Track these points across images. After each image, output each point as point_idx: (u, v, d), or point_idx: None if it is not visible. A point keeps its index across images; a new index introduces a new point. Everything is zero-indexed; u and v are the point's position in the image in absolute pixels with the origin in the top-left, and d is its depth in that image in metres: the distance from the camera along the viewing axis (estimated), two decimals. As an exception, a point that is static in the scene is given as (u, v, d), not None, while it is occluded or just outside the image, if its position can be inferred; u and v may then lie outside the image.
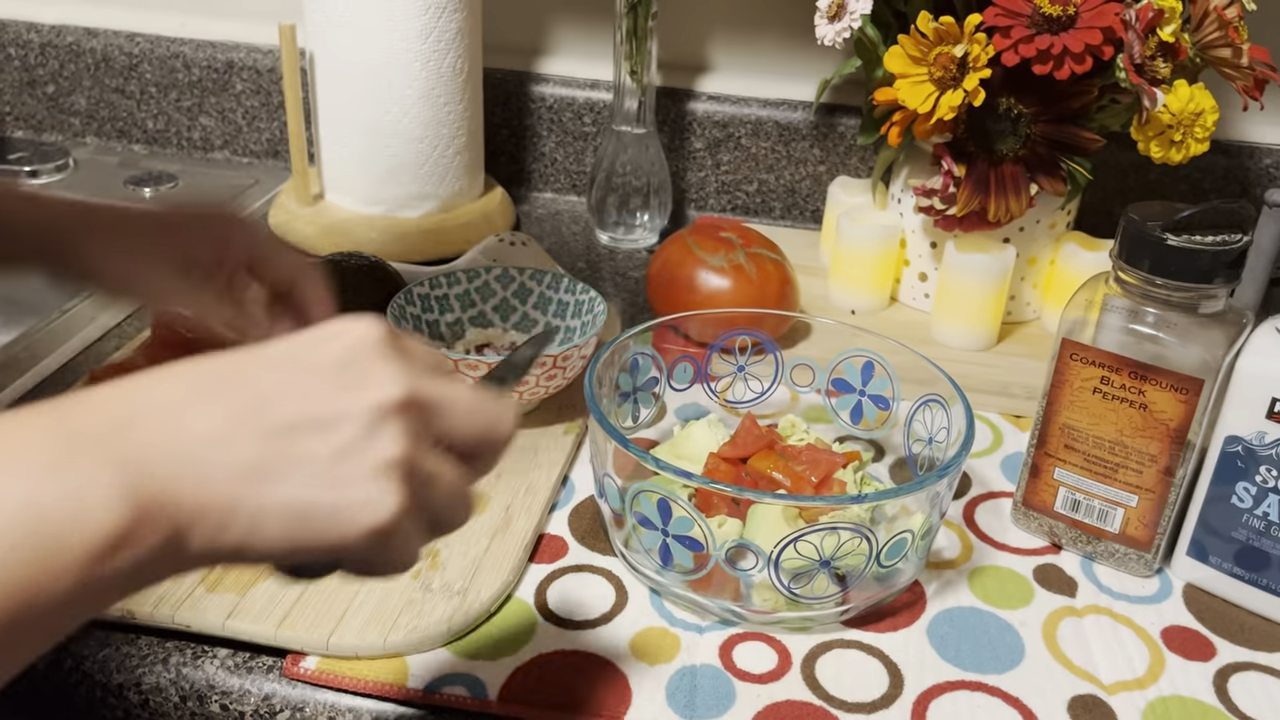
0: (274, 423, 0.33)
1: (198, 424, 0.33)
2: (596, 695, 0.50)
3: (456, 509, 0.38)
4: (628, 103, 0.92)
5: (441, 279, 0.72)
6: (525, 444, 0.66)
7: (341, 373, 0.35)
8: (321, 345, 0.36)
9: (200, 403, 0.33)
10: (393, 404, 0.35)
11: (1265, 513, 0.56)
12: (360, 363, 0.35)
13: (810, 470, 0.60)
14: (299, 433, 0.34)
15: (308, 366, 0.35)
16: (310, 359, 0.35)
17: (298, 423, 0.34)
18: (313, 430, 0.34)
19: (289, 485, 0.33)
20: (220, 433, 0.33)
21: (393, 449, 0.34)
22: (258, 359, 0.35)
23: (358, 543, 0.34)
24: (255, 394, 0.34)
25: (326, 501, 0.33)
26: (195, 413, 0.33)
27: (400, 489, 0.34)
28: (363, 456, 0.34)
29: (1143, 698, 0.52)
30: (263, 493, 0.33)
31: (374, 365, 0.35)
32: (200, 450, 0.33)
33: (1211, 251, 0.54)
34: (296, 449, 0.33)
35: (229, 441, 0.33)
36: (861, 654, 0.54)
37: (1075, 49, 0.68)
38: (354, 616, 0.52)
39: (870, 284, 0.83)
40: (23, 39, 1.08)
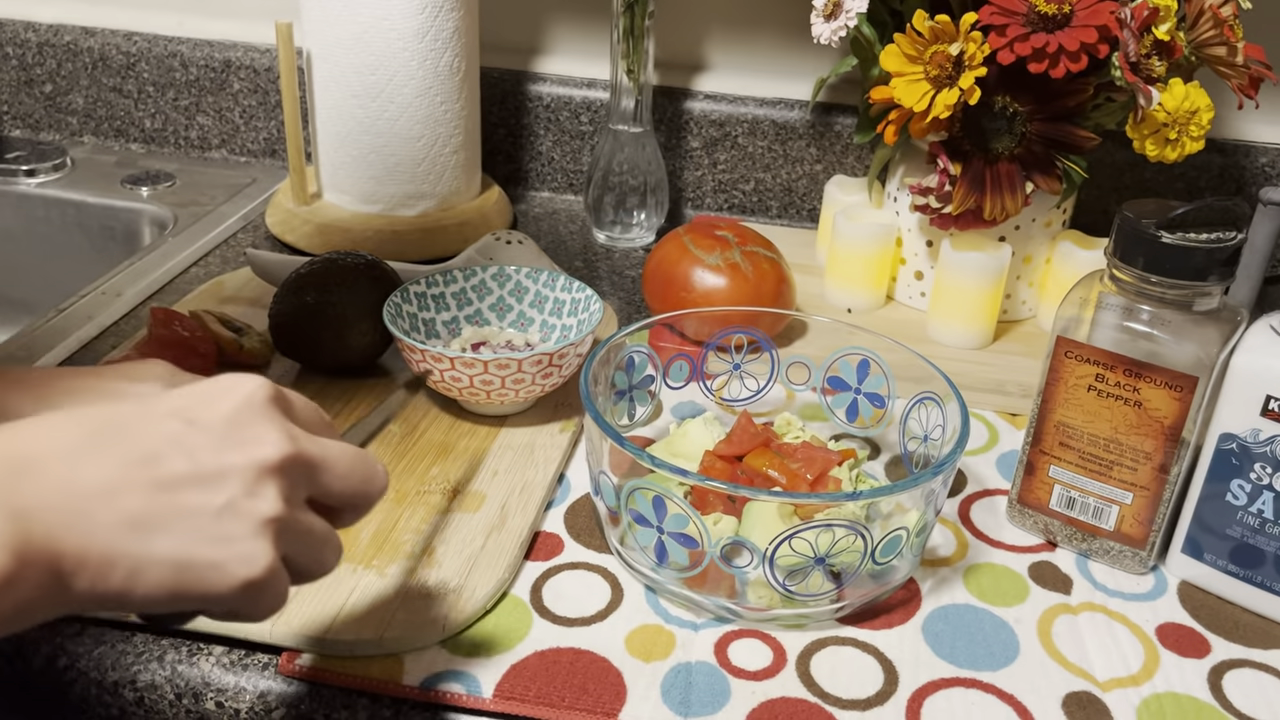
0: (162, 476, 0.35)
1: (88, 474, 0.35)
2: (592, 692, 0.50)
3: (325, 559, 0.40)
4: (624, 102, 0.92)
5: (438, 277, 0.72)
6: (521, 442, 0.66)
7: (229, 430, 0.37)
8: (212, 402, 0.38)
9: (93, 452, 0.35)
10: (274, 463, 0.37)
11: (1260, 510, 0.56)
12: (247, 421, 0.37)
13: (806, 468, 0.60)
14: (185, 487, 0.35)
15: (198, 422, 0.37)
16: (201, 415, 0.37)
17: (185, 477, 0.36)
18: (198, 485, 0.36)
19: (171, 538, 0.35)
20: (109, 484, 0.35)
21: (271, 507, 0.36)
22: (151, 412, 0.37)
23: (231, 595, 0.36)
24: (146, 447, 0.36)
25: (206, 556, 0.35)
26: (87, 462, 0.35)
27: (274, 545, 0.37)
28: (243, 514, 0.36)
29: (1137, 694, 0.52)
30: (145, 545, 0.35)
31: (260, 424, 0.38)
32: (88, 501, 0.34)
33: (1206, 249, 0.54)
34: (181, 503, 0.35)
35: (117, 492, 0.35)
36: (856, 651, 0.54)
37: (1070, 47, 0.68)
38: (349, 614, 0.52)
39: (866, 282, 0.83)
40: (20, 38, 1.08)
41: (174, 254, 0.89)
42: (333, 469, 0.40)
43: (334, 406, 0.69)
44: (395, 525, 0.58)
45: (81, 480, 0.34)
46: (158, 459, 0.35)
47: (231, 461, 0.36)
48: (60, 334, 0.76)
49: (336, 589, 0.54)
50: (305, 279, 0.69)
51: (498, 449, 0.66)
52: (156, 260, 0.87)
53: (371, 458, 0.42)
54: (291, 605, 0.52)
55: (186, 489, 0.36)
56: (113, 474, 0.35)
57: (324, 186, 0.94)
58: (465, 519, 0.59)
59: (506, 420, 0.68)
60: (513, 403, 0.67)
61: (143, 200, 0.99)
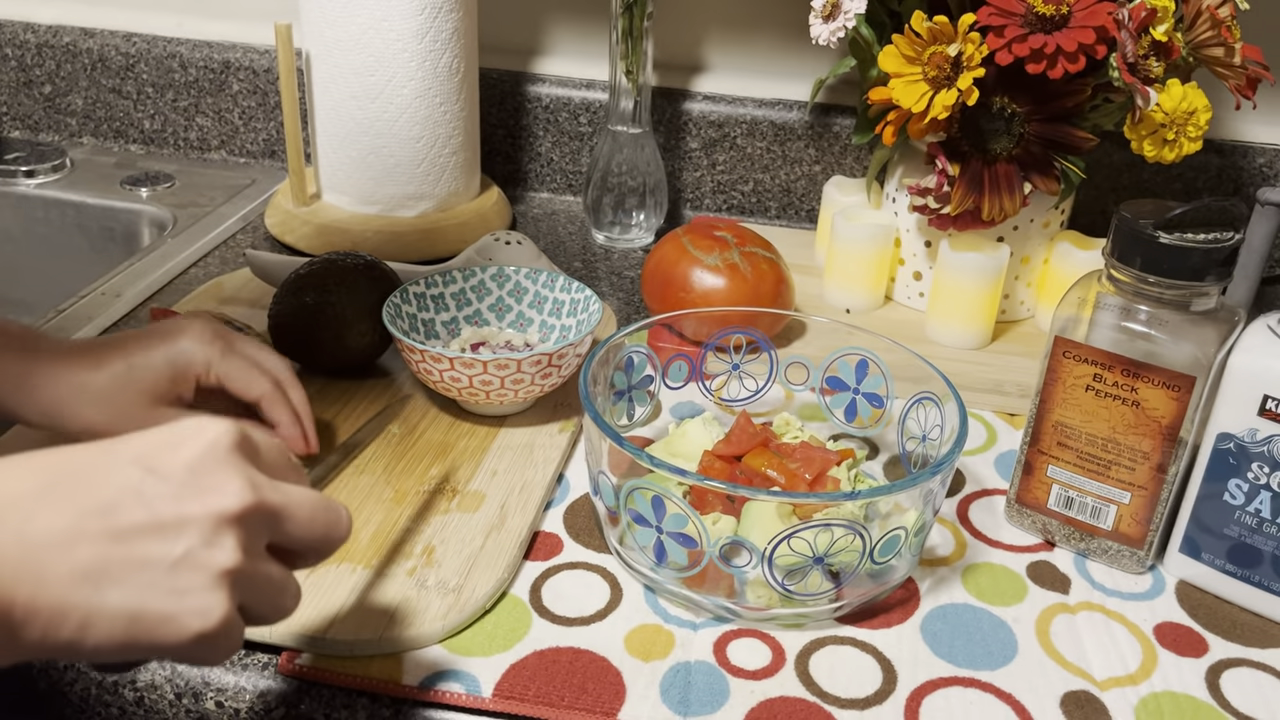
0: (118, 526, 0.35)
1: (43, 524, 0.34)
2: (591, 692, 0.50)
3: (283, 605, 0.40)
4: (623, 103, 0.92)
5: (437, 278, 0.72)
6: (521, 442, 0.66)
7: (190, 478, 0.36)
8: (174, 448, 0.37)
9: (50, 501, 0.35)
10: (234, 513, 0.37)
11: (1257, 509, 0.56)
12: (209, 469, 0.37)
13: (804, 468, 0.60)
14: (141, 537, 0.35)
15: (158, 470, 0.36)
16: (161, 462, 0.37)
17: (142, 527, 0.35)
18: (155, 536, 0.35)
19: (124, 591, 0.35)
20: (64, 534, 0.35)
21: (228, 559, 0.36)
22: (111, 458, 0.37)
23: (184, 646, 0.36)
24: (104, 496, 0.35)
25: (159, 608, 0.35)
26: (43, 512, 0.35)
27: (230, 596, 0.36)
28: (199, 566, 0.36)
29: (1135, 694, 0.52)
30: (97, 598, 0.35)
31: (221, 472, 0.37)
32: (42, 553, 0.34)
33: (1203, 249, 0.54)
34: (136, 554, 0.35)
35: (72, 543, 0.34)
36: (855, 650, 0.54)
37: (1068, 48, 0.68)
38: (349, 613, 0.52)
39: (865, 283, 0.84)
40: (19, 39, 1.08)
41: (173, 255, 0.89)
42: (294, 516, 0.39)
43: (333, 407, 0.69)
44: (395, 525, 0.59)
45: (36, 530, 0.34)
46: (115, 509, 0.35)
47: (190, 511, 0.36)
48: (60, 335, 0.76)
49: (336, 589, 0.54)
50: (304, 280, 0.69)
51: (497, 449, 0.66)
52: (156, 261, 0.88)
53: (335, 504, 0.42)
54: (291, 605, 0.52)
55: (143, 539, 0.35)
56: (68, 524, 0.35)
57: (323, 187, 0.94)
58: (465, 519, 0.59)
59: (506, 420, 0.68)
60: (512, 403, 0.67)
61: (142, 201, 0.99)
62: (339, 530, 0.41)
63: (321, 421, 0.67)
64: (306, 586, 0.53)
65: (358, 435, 0.62)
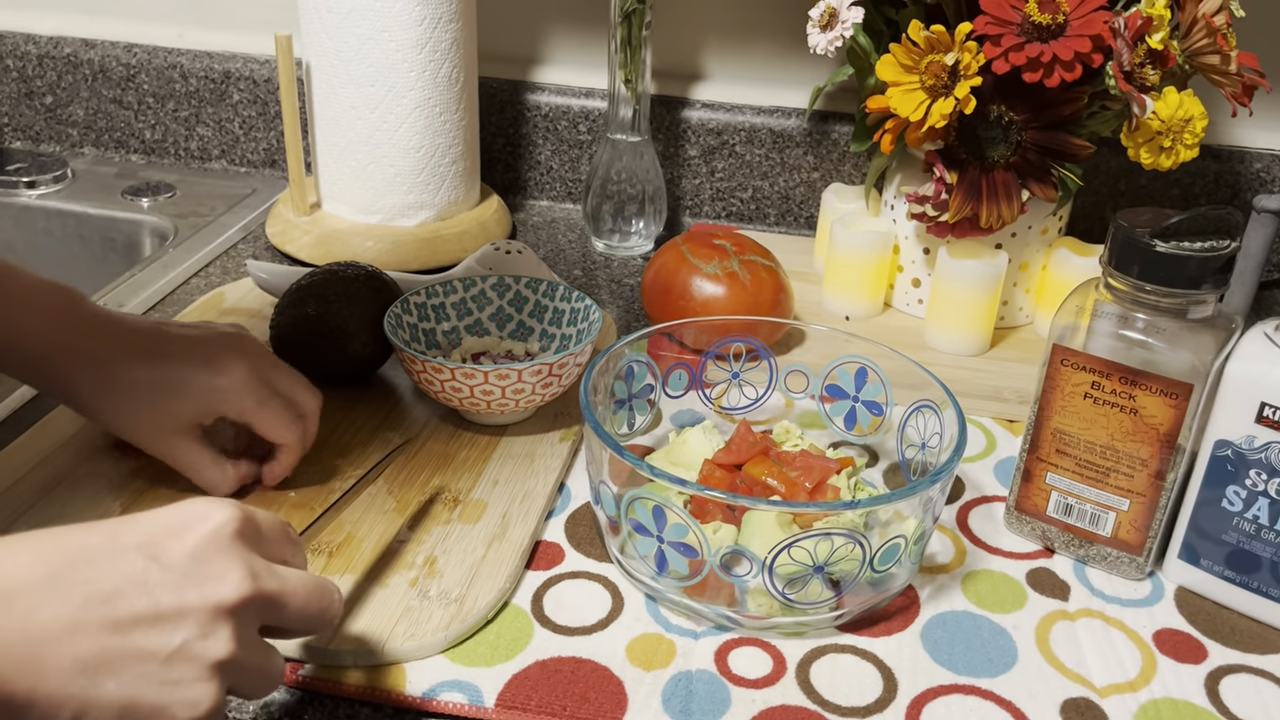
0: (119, 617, 0.37)
1: (47, 614, 0.36)
2: (593, 701, 0.50)
3: (269, 687, 0.42)
4: (622, 111, 0.92)
5: (438, 288, 0.72)
6: (522, 451, 0.67)
7: (192, 566, 0.38)
8: (179, 535, 0.39)
9: (54, 590, 0.36)
10: (232, 604, 0.38)
11: (1255, 516, 0.56)
12: (210, 556, 0.39)
13: (804, 476, 0.60)
14: (141, 629, 0.37)
15: (161, 558, 0.38)
16: (165, 550, 0.38)
17: (141, 618, 0.37)
18: (154, 627, 0.37)
19: (120, 681, 0.36)
20: (66, 626, 0.36)
21: (222, 650, 0.38)
22: (117, 544, 0.38)
23: None
24: (109, 584, 0.37)
25: (152, 699, 0.37)
26: (48, 601, 0.36)
27: (220, 686, 0.38)
28: (194, 658, 0.37)
29: (1135, 700, 0.52)
30: (93, 689, 0.36)
31: (222, 560, 0.39)
32: (44, 645, 0.36)
33: (1200, 257, 0.54)
34: (135, 645, 0.37)
35: (73, 634, 0.36)
36: (856, 658, 0.54)
37: (1065, 57, 0.68)
38: (352, 624, 0.52)
39: (864, 290, 0.84)
40: (20, 50, 1.08)
41: (174, 265, 0.89)
42: (290, 602, 0.41)
43: (335, 417, 0.69)
44: (397, 535, 0.59)
45: (40, 621, 0.36)
46: (118, 597, 0.37)
47: (190, 601, 0.37)
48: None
49: (339, 599, 0.54)
50: (305, 290, 0.70)
51: (498, 458, 0.66)
52: (157, 271, 0.88)
53: (328, 587, 0.43)
54: (294, 616, 0.53)
55: (142, 631, 0.37)
56: (71, 615, 0.36)
57: (324, 197, 0.94)
58: (466, 529, 0.60)
59: (507, 430, 0.69)
60: (513, 412, 0.67)
61: (143, 211, 1.00)
62: (331, 613, 0.43)
63: (323, 433, 0.67)
64: (309, 597, 0.54)
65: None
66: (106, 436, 0.65)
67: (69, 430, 0.66)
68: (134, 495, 0.61)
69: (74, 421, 0.66)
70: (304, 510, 0.60)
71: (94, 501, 0.60)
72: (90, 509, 0.59)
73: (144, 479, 0.62)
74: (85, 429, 0.66)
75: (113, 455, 0.64)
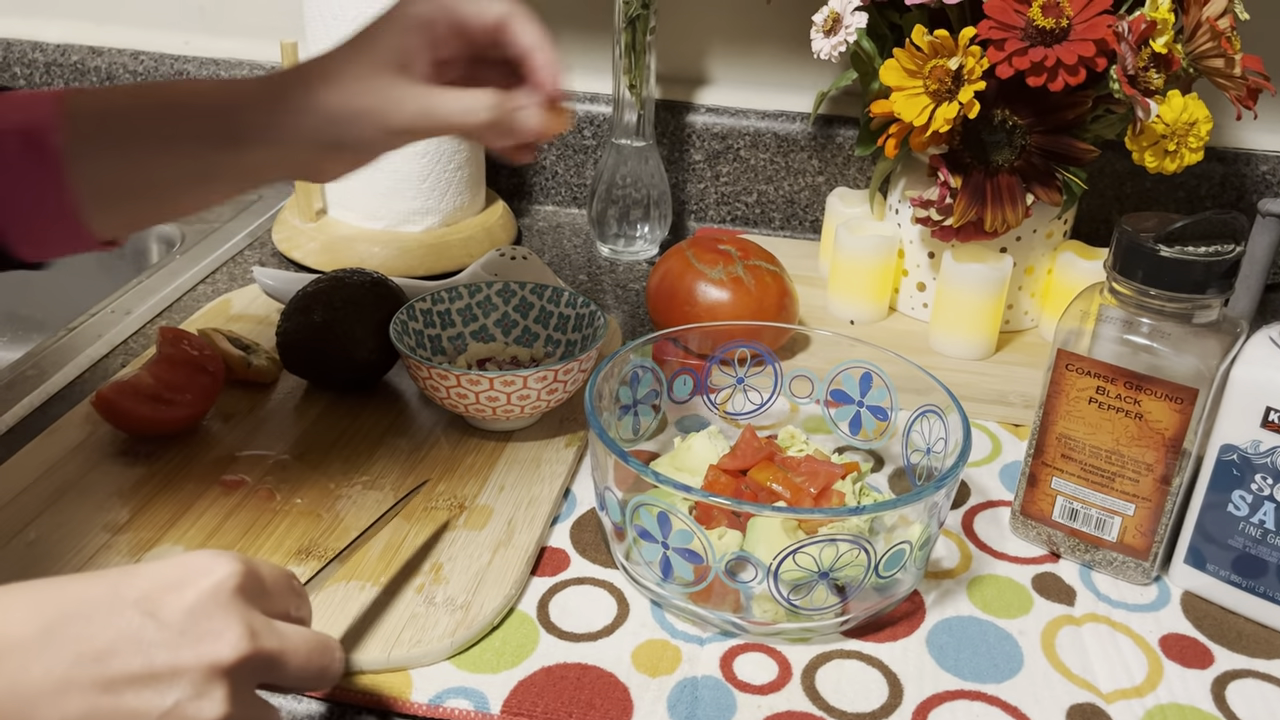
0: (111, 676, 0.36)
1: (39, 671, 0.35)
2: (598, 707, 0.50)
3: None
4: (627, 116, 0.92)
5: (443, 294, 0.72)
6: (528, 457, 0.67)
7: (190, 623, 0.37)
8: (178, 590, 0.38)
9: (48, 646, 0.36)
10: (228, 665, 0.37)
11: (1261, 520, 0.56)
12: (210, 613, 0.38)
13: (809, 482, 0.60)
14: (133, 689, 0.36)
15: (158, 614, 0.37)
16: (163, 606, 0.37)
17: (134, 677, 0.36)
18: (146, 686, 0.36)
19: None
20: (57, 684, 0.35)
21: (217, 710, 0.37)
22: (115, 599, 0.37)
23: None
24: (102, 641, 0.36)
25: None
26: (40, 657, 0.36)
27: None
28: (187, 718, 0.36)
29: (1141, 706, 0.52)
30: None
31: (221, 617, 0.38)
32: (34, 703, 0.35)
33: (1205, 262, 0.54)
34: (126, 706, 0.36)
35: (64, 693, 0.35)
36: (861, 664, 0.54)
37: (1068, 61, 0.68)
38: (358, 631, 0.53)
39: (869, 294, 0.84)
40: (28, 58, 1.09)
41: (181, 272, 0.90)
42: (290, 661, 0.40)
43: (341, 423, 0.69)
44: (403, 542, 0.59)
45: (31, 678, 0.35)
46: (111, 656, 0.36)
47: (184, 661, 0.37)
48: (70, 352, 0.77)
49: (345, 606, 0.54)
50: (312, 297, 0.70)
51: (504, 464, 0.66)
52: (164, 278, 0.88)
53: (329, 646, 0.42)
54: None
55: (134, 691, 0.36)
56: (63, 673, 0.36)
57: (329, 203, 0.94)
58: (472, 535, 0.60)
59: (513, 435, 0.69)
60: (519, 418, 0.67)
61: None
62: (332, 671, 0.42)
63: (328, 439, 0.68)
64: (317, 603, 0.54)
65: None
66: (115, 443, 0.66)
67: (78, 437, 0.66)
68: (143, 501, 0.61)
69: (82, 428, 0.67)
70: (311, 517, 0.60)
71: (102, 508, 0.60)
72: (98, 515, 0.60)
73: (152, 485, 0.62)
74: (94, 435, 0.66)
75: (121, 461, 0.64)
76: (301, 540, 0.59)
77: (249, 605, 0.39)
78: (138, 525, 0.59)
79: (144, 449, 0.65)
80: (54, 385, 0.73)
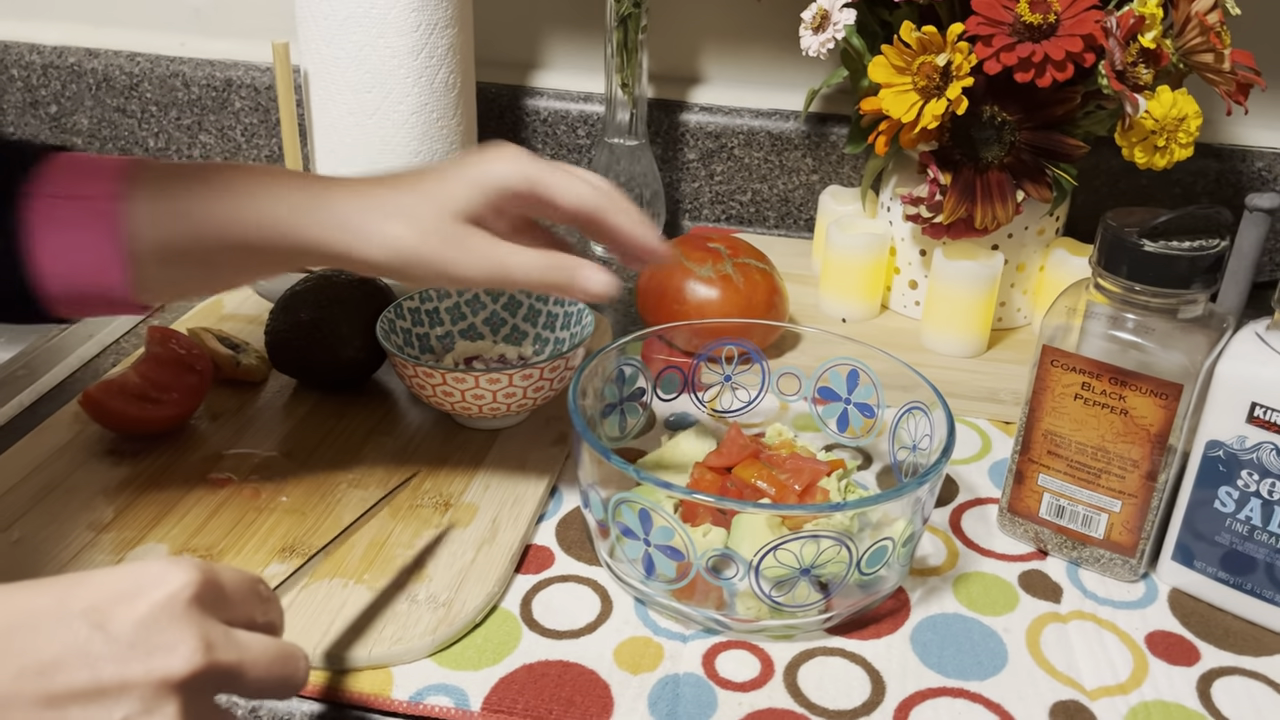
0: (56, 690, 0.34)
1: None
2: (579, 705, 0.50)
3: None
4: (620, 115, 0.92)
5: (431, 293, 0.72)
6: (514, 455, 0.67)
7: (141, 635, 0.35)
8: (130, 601, 0.36)
9: None
10: (180, 679, 0.35)
11: (1248, 517, 0.56)
12: (163, 625, 0.36)
13: (794, 479, 0.60)
14: (79, 703, 0.34)
15: (108, 626, 0.35)
16: (113, 616, 0.36)
17: (79, 692, 0.34)
18: (92, 701, 0.34)
19: None
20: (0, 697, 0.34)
21: None
22: (64, 609, 0.36)
23: None
24: (49, 653, 0.35)
25: None
26: None
27: None
28: None
29: (1125, 703, 0.52)
30: None
31: (173, 630, 0.36)
32: None
33: (1188, 257, 0.54)
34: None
35: (6, 707, 0.34)
36: (844, 661, 0.54)
37: (1056, 56, 0.68)
38: (340, 628, 0.53)
39: (860, 292, 0.84)
40: (25, 60, 1.09)
41: (175, 272, 0.90)
42: (248, 673, 0.38)
43: (329, 421, 0.69)
44: (387, 540, 0.59)
45: None
46: (57, 669, 0.34)
47: (133, 675, 0.35)
48: (61, 352, 0.77)
49: (327, 603, 0.54)
50: (299, 296, 0.70)
51: (491, 462, 0.66)
52: (158, 278, 0.88)
53: (293, 654, 0.40)
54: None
55: (80, 705, 0.34)
56: (6, 687, 0.34)
57: (323, 203, 0.94)
58: (456, 533, 0.60)
59: (500, 433, 0.69)
60: (505, 416, 0.67)
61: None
62: (295, 681, 0.41)
63: (316, 437, 0.68)
64: (299, 602, 0.54)
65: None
66: (102, 442, 0.66)
67: (65, 436, 0.66)
68: (128, 500, 0.61)
69: (70, 427, 0.67)
70: (296, 515, 0.61)
71: (87, 506, 0.60)
72: (84, 514, 0.60)
73: (138, 484, 0.62)
74: (81, 434, 0.66)
75: (108, 460, 0.64)
76: (285, 538, 0.59)
77: (206, 615, 0.37)
78: (122, 524, 0.59)
79: (131, 448, 0.66)
80: (45, 384, 0.74)
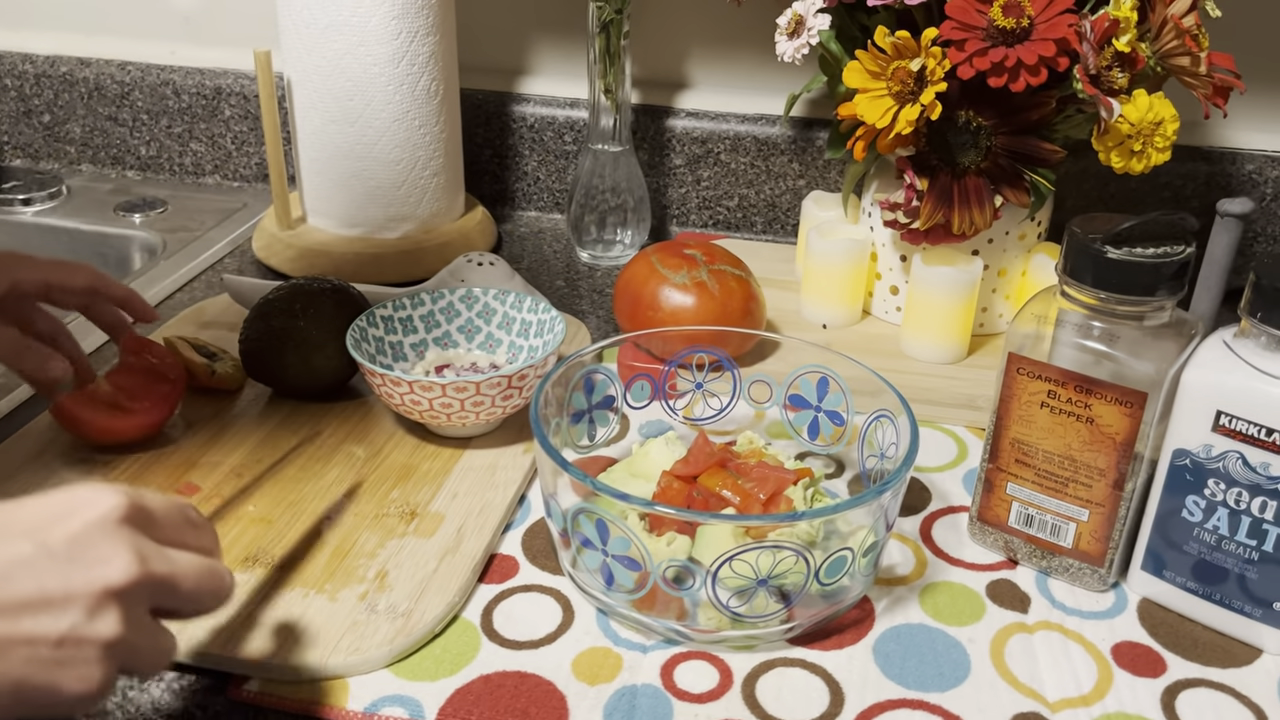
0: (5, 600, 0.37)
1: None
2: (533, 716, 0.50)
3: (159, 664, 0.42)
4: (603, 121, 0.92)
5: (405, 300, 0.72)
6: (484, 463, 0.67)
7: (77, 550, 0.38)
8: (65, 520, 0.39)
9: None
10: (119, 587, 0.38)
11: (1215, 526, 0.55)
12: (95, 541, 0.39)
13: (759, 488, 0.60)
14: (28, 613, 0.37)
15: (48, 543, 0.38)
16: (52, 535, 0.38)
17: (28, 601, 0.37)
18: (41, 610, 0.37)
19: (8, 664, 0.37)
20: None
21: (111, 630, 0.38)
22: (5, 530, 0.38)
23: (63, 707, 0.38)
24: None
25: (42, 680, 0.37)
26: None
27: (109, 665, 0.38)
28: (82, 640, 0.38)
29: (1087, 715, 0.52)
30: None
31: (107, 545, 0.39)
32: None
33: (1152, 264, 0.53)
34: (22, 630, 0.37)
35: None
36: (804, 672, 0.54)
37: (1029, 61, 0.68)
38: (298, 638, 0.53)
39: (841, 298, 0.83)
40: (18, 70, 1.10)
41: (159, 279, 0.90)
42: (180, 585, 0.41)
43: (301, 430, 0.69)
44: (351, 549, 0.59)
45: None
46: (4, 581, 0.37)
47: (76, 585, 0.38)
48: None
49: (287, 614, 0.54)
50: (272, 304, 0.70)
51: (460, 471, 0.66)
52: (142, 286, 0.89)
53: (220, 570, 0.43)
54: (241, 631, 0.53)
55: (29, 615, 0.37)
56: None
57: (307, 211, 0.95)
58: (420, 542, 0.60)
59: (471, 441, 0.69)
60: (475, 425, 0.67)
61: (134, 227, 1.01)
62: (223, 594, 0.43)
63: (288, 445, 0.68)
64: (255, 614, 0.54)
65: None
66: (75, 451, 0.66)
67: (38, 446, 0.67)
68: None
69: (44, 436, 0.67)
70: (261, 524, 0.61)
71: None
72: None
73: (107, 494, 0.63)
74: (54, 444, 0.67)
75: (80, 469, 0.65)
76: (250, 548, 0.59)
77: (136, 533, 0.40)
78: (89, 533, 0.59)
79: (103, 457, 0.66)
80: (24, 393, 0.74)
